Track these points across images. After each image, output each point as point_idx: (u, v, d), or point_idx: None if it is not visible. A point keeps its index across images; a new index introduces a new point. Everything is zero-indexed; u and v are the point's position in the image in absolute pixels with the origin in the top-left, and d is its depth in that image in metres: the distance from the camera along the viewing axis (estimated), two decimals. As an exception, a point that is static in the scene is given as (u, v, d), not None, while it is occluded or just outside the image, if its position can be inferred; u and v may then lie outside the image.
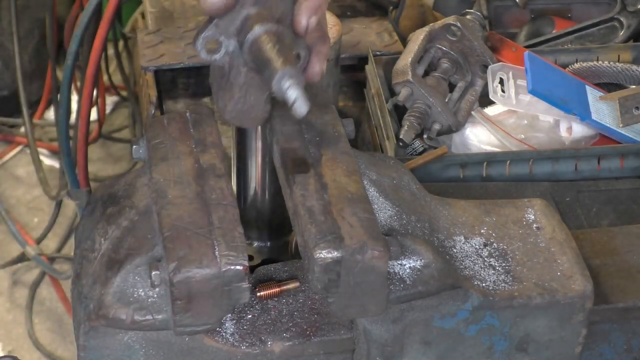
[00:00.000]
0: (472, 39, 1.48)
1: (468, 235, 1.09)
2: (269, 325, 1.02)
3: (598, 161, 1.41)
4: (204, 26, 1.02)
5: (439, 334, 1.04)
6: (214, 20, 1.01)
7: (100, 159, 2.99)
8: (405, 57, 1.46)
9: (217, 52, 1.03)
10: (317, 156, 1.06)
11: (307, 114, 1.10)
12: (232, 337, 1.01)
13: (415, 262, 1.01)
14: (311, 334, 1.02)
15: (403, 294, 1.00)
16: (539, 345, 1.07)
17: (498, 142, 1.44)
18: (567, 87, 1.47)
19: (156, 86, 1.61)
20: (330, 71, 1.51)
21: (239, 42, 1.02)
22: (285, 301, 1.04)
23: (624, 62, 1.57)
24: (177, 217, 0.98)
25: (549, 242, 1.10)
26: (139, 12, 2.29)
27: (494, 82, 1.47)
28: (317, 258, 0.95)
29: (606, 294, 1.11)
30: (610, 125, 1.45)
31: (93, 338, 0.98)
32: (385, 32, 1.70)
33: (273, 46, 0.99)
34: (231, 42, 1.03)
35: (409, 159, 1.36)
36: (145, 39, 1.65)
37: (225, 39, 1.03)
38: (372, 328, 1.02)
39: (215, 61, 1.04)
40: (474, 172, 1.39)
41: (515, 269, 1.07)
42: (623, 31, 1.67)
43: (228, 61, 1.04)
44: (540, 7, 1.77)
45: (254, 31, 1.01)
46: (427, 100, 1.43)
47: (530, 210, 1.13)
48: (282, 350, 1.01)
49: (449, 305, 1.03)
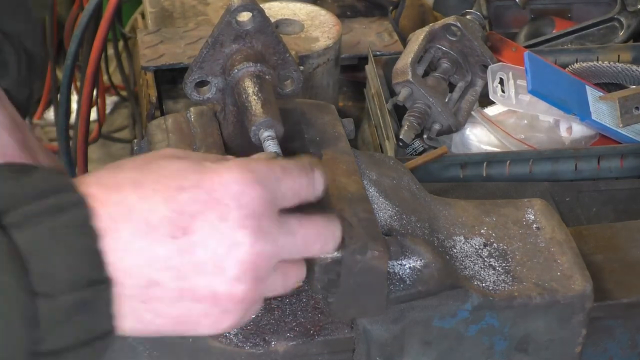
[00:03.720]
0: (472, 39, 1.48)
1: (468, 235, 1.09)
2: (272, 325, 1.02)
3: (598, 161, 1.41)
4: (189, 72, 1.03)
5: (439, 334, 1.04)
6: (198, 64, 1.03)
7: (100, 159, 3.00)
8: (405, 57, 1.46)
9: (209, 91, 1.05)
10: (317, 156, 1.06)
11: (307, 113, 1.11)
12: (236, 337, 1.01)
13: (415, 262, 1.01)
14: (315, 333, 1.02)
15: (403, 294, 1.00)
16: (539, 345, 1.07)
17: (498, 142, 1.44)
18: (567, 87, 1.47)
19: (156, 86, 1.61)
20: (330, 71, 1.51)
21: (225, 80, 1.04)
22: (289, 300, 1.04)
23: (624, 62, 1.57)
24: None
25: (549, 242, 1.10)
26: (139, 12, 2.30)
27: (494, 82, 1.47)
28: (317, 258, 0.95)
29: (610, 290, 1.11)
30: (610, 125, 1.45)
31: (95, 339, 0.98)
32: (385, 32, 1.70)
33: (252, 91, 1.00)
34: (219, 79, 1.04)
35: (409, 159, 1.36)
36: (145, 39, 1.65)
37: (213, 77, 1.04)
38: (372, 328, 1.02)
39: (209, 100, 1.05)
40: (474, 172, 1.39)
41: (515, 269, 1.07)
42: (623, 31, 1.67)
43: (222, 97, 1.05)
44: (540, 7, 1.77)
45: (234, 73, 1.02)
46: (427, 100, 1.43)
47: (530, 211, 1.13)
48: (286, 350, 1.01)
49: (449, 305, 1.03)
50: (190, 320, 0.79)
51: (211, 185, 0.77)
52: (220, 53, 1.03)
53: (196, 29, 1.69)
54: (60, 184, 0.75)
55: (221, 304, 0.78)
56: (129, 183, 0.77)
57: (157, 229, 0.76)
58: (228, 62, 1.03)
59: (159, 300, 0.77)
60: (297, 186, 0.82)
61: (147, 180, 0.77)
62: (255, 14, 1.02)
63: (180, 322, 0.79)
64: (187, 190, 0.77)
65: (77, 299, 0.73)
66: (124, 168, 0.79)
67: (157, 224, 0.76)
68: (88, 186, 0.76)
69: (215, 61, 1.04)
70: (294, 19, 1.53)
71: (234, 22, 1.02)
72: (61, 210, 0.73)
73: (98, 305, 0.74)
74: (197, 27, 1.70)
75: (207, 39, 1.04)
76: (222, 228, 0.76)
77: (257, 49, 1.04)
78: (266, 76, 1.02)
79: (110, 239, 0.75)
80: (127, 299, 0.76)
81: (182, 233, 0.76)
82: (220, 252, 0.76)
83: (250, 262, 0.77)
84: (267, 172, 0.80)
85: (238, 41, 1.03)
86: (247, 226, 0.76)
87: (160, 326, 0.79)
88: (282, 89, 1.09)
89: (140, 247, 0.75)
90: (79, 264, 0.73)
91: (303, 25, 1.52)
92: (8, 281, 0.70)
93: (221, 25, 1.03)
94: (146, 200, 0.76)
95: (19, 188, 0.73)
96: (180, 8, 1.81)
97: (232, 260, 0.77)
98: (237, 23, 1.03)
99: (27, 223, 0.72)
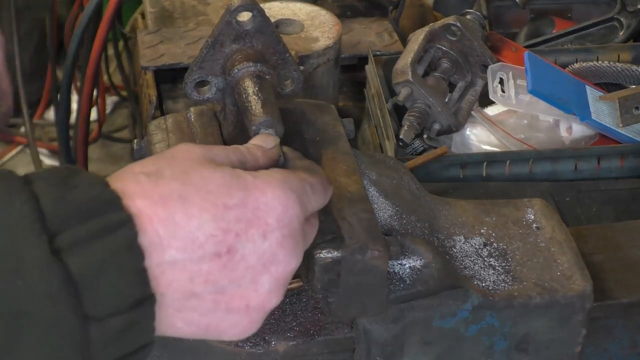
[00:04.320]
0: (472, 39, 1.48)
1: (468, 235, 1.09)
2: (272, 324, 1.02)
3: (598, 161, 1.41)
4: (189, 72, 1.04)
5: (439, 333, 1.04)
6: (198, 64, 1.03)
7: (100, 159, 3.00)
8: (405, 57, 1.46)
9: (209, 91, 1.05)
10: (317, 156, 1.06)
11: (307, 113, 1.11)
12: (237, 337, 1.01)
13: (415, 262, 1.01)
14: (315, 333, 1.02)
15: (403, 293, 1.00)
16: (539, 345, 1.08)
17: (498, 142, 1.44)
18: (567, 87, 1.47)
19: (156, 86, 1.61)
20: (330, 71, 1.51)
21: (225, 80, 1.04)
22: (289, 300, 1.04)
23: (624, 62, 1.57)
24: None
25: (549, 242, 1.10)
26: (139, 12, 2.29)
27: (494, 82, 1.47)
28: (317, 258, 0.95)
29: (610, 290, 1.11)
30: (610, 125, 1.45)
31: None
32: (385, 32, 1.70)
33: (252, 91, 1.00)
34: (219, 79, 1.04)
35: (409, 159, 1.36)
36: (145, 39, 1.65)
37: (213, 77, 1.04)
38: (372, 328, 1.02)
39: (209, 99, 1.05)
40: (474, 172, 1.39)
41: (515, 268, 1.07)
42: (623, 31, 1.67)
43: (221, 97, 1.05)
44: (540, 7, 1.77)
45: (234, 73, 1.02)
46: (427, 100, 1.43)
47: (530, 210, 1.13)
48: (286, 349, 1.01)
49: (449, 305, 1.03)
50: (219, 329, 0.82)
51: (256, 204, 0.80)
52: (220, 53, 1.03)
53: (196, 29, 1.69)
54: (105, 199, 0.75)
55: (251, 315, 0.82)
56: (175, 198, 0.78)
57: (202, 247, 0.77)
58: (228, 62, 1.03)
59: (194, 310, 0.79)
60: (320, 202, 0.89)
61: (192, 196, 0.78)
62: (255, 14, 1.02)
63: (209, 330, 0.81)
64: (232, 209, 0.79)
65: (126, 320, 0.74)
66: (164, 176, 0.79)
67: (203, 242, 0.77)
68: (132, 199, 0.76)
69: (215, 61, 1.04)
70: (294, 19, 1.53)
71: (234, 22, 1.02)
72: (110, 232, 0.74)
73: (144, 323, 0.76)
74: (197, 27, 1.70)
75: (207, 39, 1.04)
76: (263, 246, 0.80)
77: (257, 48, 1.04)
78: (266, 76, 1.02)
79: (157, 256, 0.76)
80: (164, 308, 0.78)
81: (226, 251, 0.79)
82: (259, 268, 0.80)
83: (284, 278, 0.82)
84: (302, 190, 0.84)
85: (238, 41, 1.03)
86: (286, 246, 0.82)
87: (188, 333, 0.81)
88: (282, 89, 1.09)
89: (185, 263, 0.77)
90: (128, 285, 0.74)
91: (303, 25, 1.52)
92: (64, 312, 0.71)
93: (221, 25, 1.03)
94: (193, 218, 0.77)
95: (67, 207, 0.74)
96: (180, 8, 1.81)
97: (268, 276, 0.81)
98: (237, 23, 1.03)
99: (77, 247, 0.73)
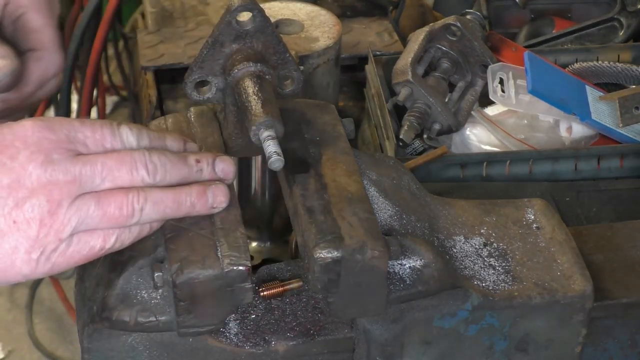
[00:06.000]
0: (472, 39, 1.48)
1: (468, 235, 1.09)
2: (272, 325, 1.02)
3: (598, 161, 1.41)
4: (189, 72, 1.04)
5: (439, 333, 1.04)
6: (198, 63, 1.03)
7: (100, 158, 2.99)
8: (405, 57, 1.46)
9: (209, 91, 1.05)
10: (317, 156, 1.06)
11: (307, 113, 1.11)
12: (236, 337, 1.01)
13: (415, 262, 1.01)
14: (315, 333, 1.02)
15: (403, 293, 1.01)
16: (539, 345, 1.08)
17: (498, 142, 1.44)
18: (567, 87, 1.47)
19: (156, 86, 1.61)
20: (330, 71, 1.51)
21: (225, 80, 1.04)
22: (289, 300, 1.04)
23: (624, 62, 1.57)
24: (178, 218, 0.99)
25: (549, 242, 1.10)
26: (139, 12, 2.29)
27: (494, 82, 1.47)
28: (317, 258, 0.95)
29: (610, 290, 1.11)
30: (610, 125, 1.45)
31: (97, 340, 0.98)
32: (385, 32, 1.70)
33: (252, 91, 1.00)
34: (219, 79, 1.04)
35: (409, 159, 1.36)
36: (145, 39, 1.65)
37: (213, 77, 1.04)
38: (372, 328, 1.02)
39: (209, 99, 1.05)
40: (474, 172, 1.39)
41: (515, 268, 1.07)
42: (623, 31, 1.67)
43: (222, 97, 1.05)
44: (540, 7, 1.77)
45: (234, 73, 1.02)
46: (427, 100, 1.43)
47: (530, 210, 1.13)
48: (286, 349, 1.01)
49: (449, 305, 1.03)
50: (4, 257, 0.90)
51: (2, 135, 0.91)
52: (220, 53, 1.04)
53: (196, 29, 1.69)
54: None
55: (23, 231, 0.89)
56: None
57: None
58: (228, 62, 1.04)
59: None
60: (98, 136, 0.93)
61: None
62: (255, 14, 1.02)
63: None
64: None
65: None
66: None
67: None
68: None
69: (215, 61, 1.04)
70: (294, 19, 1.53)
71: (234, 22, 1.02)
72: None
73: None
74: (197, 27, 1.70)
75: (207, 39, 1.04)
76: (13, 166, 0.89)
77: (257, 48, 1.04)
78: (266, 76, 1.02)
79: None
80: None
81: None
82: (15, 185, 0.89)
83: (42, 187, 0.89)
84: (60, 121, 0.92)
85: (238, 41, 1.03)
86: (35, 159, 0.89)
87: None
88: (282, 89, 1.09)
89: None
90: None
91: (303, 25, 1.52)
92: None
93: (221, 25, 1.03)
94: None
95: None
96: (180, 8, 1.81)
97: (25, 190, 0.89)
98: (237, 23, 1.03)
99: None
